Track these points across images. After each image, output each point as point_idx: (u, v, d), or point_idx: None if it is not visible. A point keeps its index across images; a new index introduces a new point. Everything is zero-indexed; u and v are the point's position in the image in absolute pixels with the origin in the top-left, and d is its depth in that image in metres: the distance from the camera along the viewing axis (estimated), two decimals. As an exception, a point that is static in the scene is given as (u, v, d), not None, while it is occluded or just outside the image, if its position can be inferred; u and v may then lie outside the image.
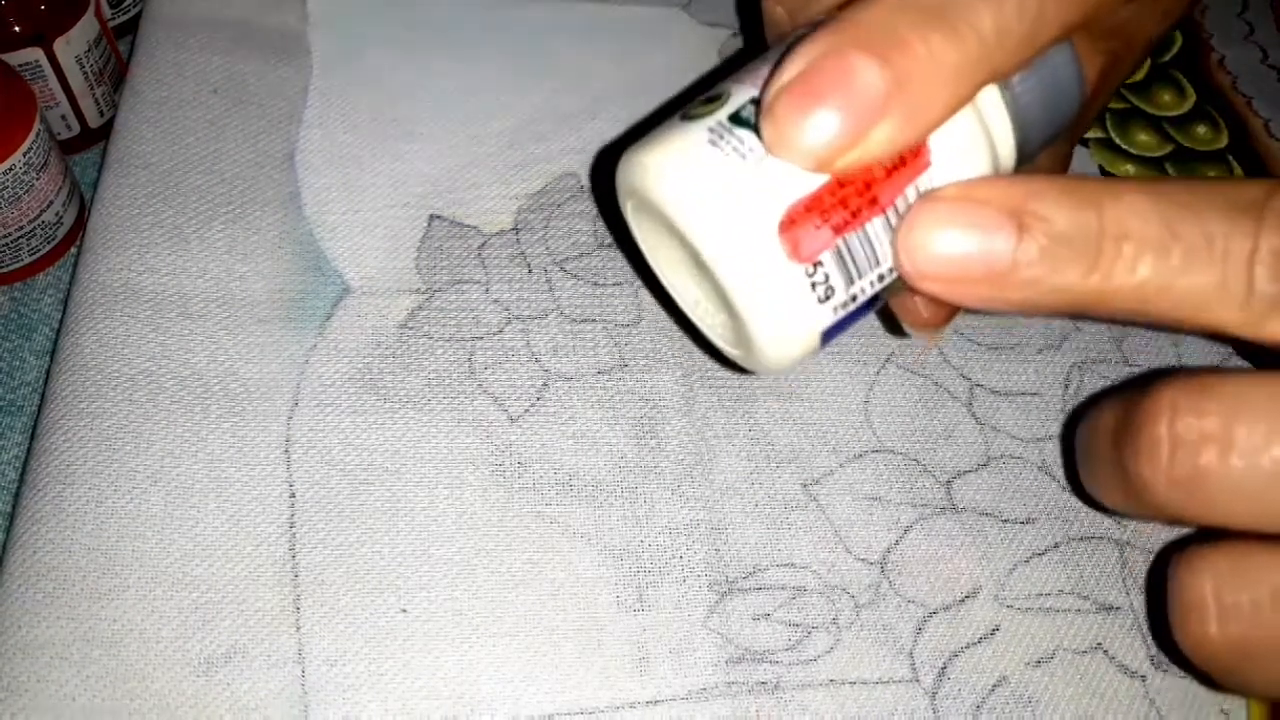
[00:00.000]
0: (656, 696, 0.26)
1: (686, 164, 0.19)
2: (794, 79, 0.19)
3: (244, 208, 0.32)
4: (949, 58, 0.18)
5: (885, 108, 0.18)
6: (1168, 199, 0.18)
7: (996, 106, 0.20)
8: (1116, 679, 0.27)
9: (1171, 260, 0.18)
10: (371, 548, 0.27)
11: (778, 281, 0.19)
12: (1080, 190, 0.19)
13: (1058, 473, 0.30)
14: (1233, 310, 0.18)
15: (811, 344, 0.20)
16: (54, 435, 0.27)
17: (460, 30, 0.36)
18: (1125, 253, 0.18)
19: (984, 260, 0.19)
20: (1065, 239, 0.19)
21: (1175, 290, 0.18)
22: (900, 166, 0.19)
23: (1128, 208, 0.18)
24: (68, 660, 0.24)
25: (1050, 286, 0.19)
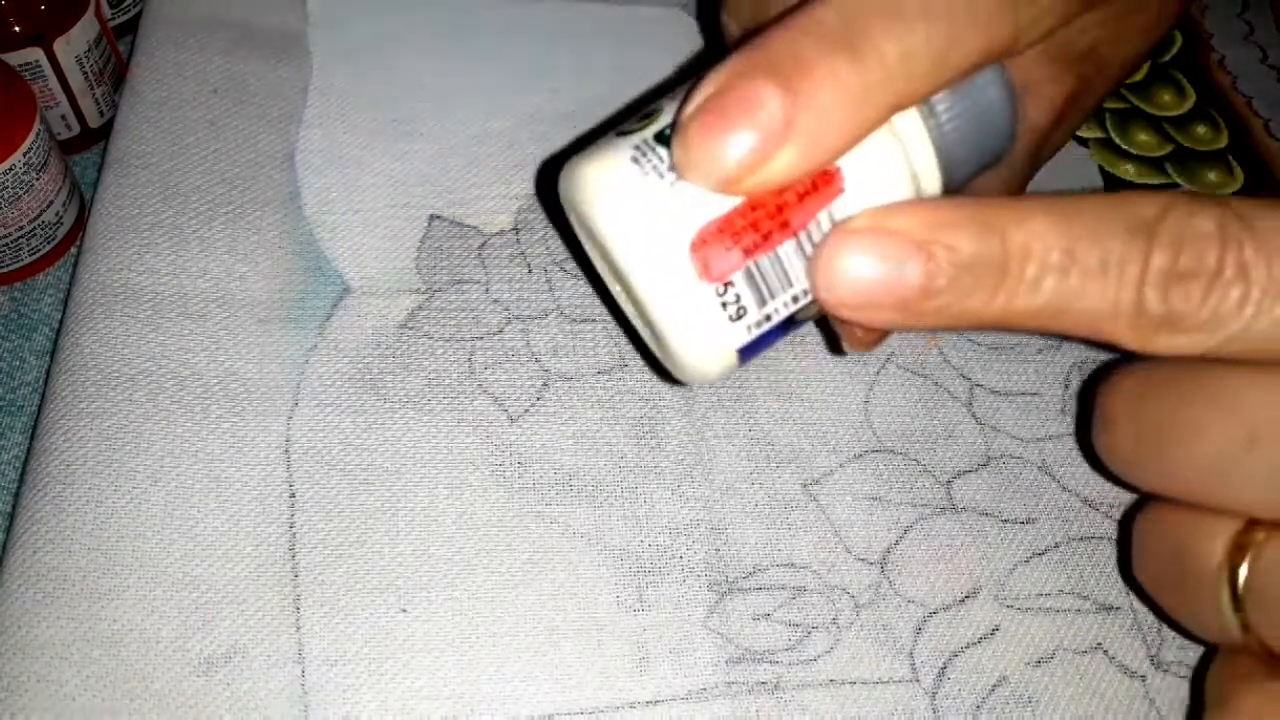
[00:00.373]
0: (656, 696, 0.26)
1: (609, 181, 0.20)
2: (700, 103, 0.19)
3: (244, 208, 0.32)
4: (852, 83, 0.19)
5: (787, 132, 0.19)
6: (1070, 221, 0.19)
7: (917, 131, 0.20)
8: (1116, 679, 0.27)
9: (1070, 282, 0.19)
10: (371, 548, 0.27)
11: (689, 299, 0.20)
12: (986, 217, 0.19)
13: (1058, 473, 0.30)
14: (1125, 328, 0.19)
15: (727, 360, 0.21)
16: (54, 435, 0.27)
17: (460, 30, 0.36)
18: (1027, 276, 0.19)
19: (893, 288, 0.19)
20: (970, 266, 0.19)
21: (1074, 311, 0.19)
22: (812, 191, 0.20)
23: (1031, 232, 0.19)
24: (67, 660, 0.24)
25: (958, 311, 0.20)
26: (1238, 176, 0.37)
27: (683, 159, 0.19)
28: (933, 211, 0.19)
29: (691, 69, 0.35)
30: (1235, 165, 0.37)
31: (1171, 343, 0.19)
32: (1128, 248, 0.19)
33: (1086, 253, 0.19)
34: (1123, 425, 0.22)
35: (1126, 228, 0.19)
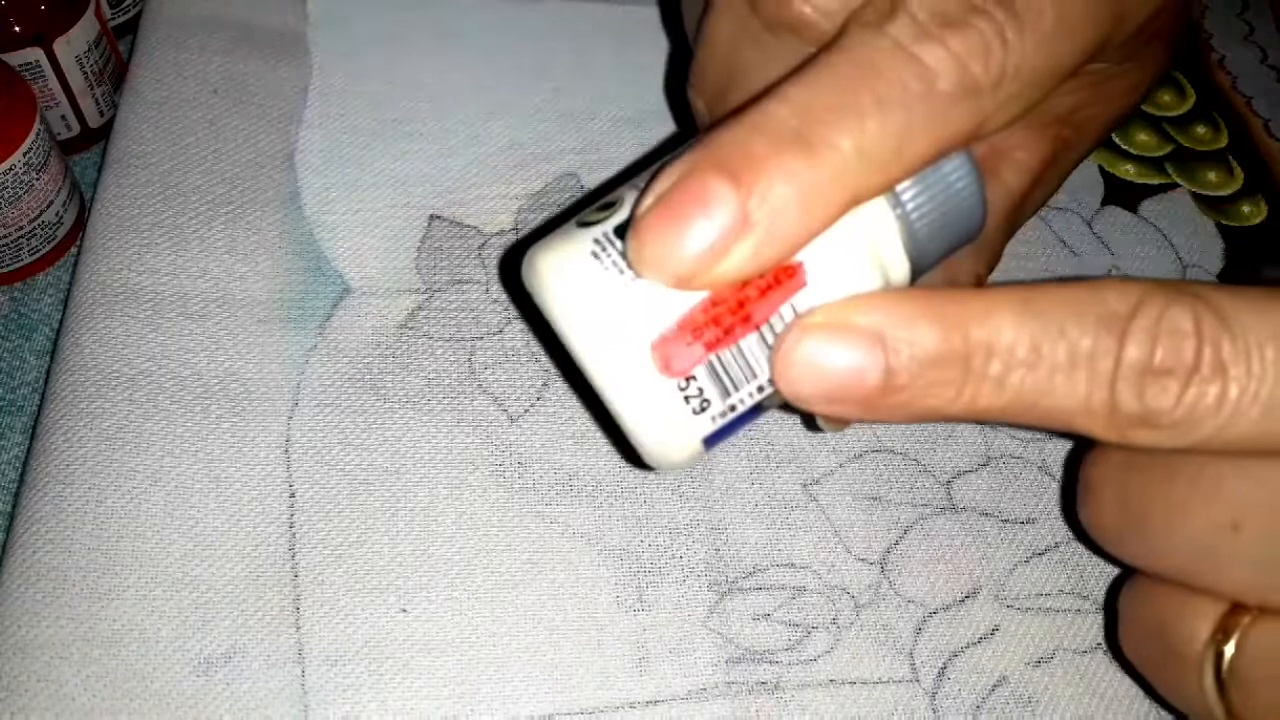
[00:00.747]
0: (656, 696, 0.26)
1: (568, 275, 0.20)
2: (654, 201, 0.19)
3: (244, 208, 0.32)
4: (804, 177, 0.18)
5: (741, 229, 0.18)
6: (1035, 315, 0.19)
7: (884, 221, 0.20)
8: (1117, 679, 0.27)
9: (1037, 378, 0.19)
10: (371, 548, 0.27)
11: (651, 394, 0.20)
12: (948, 312, 0.19)
13: (1058, 473, 0.30)
14: (1098, 424, 0.19)
15: (693, 450, 0.21)
16: (54, 435, 0.27)
17: (460, 30, 0.36)
18: (991, 373, 0.19)
19: (853, 385, 0.19)
20: (930, 363, 0.19)
21: (1042, 406, 0.19)
22: (775, 285, 0.20)
23: (994, 327, 0.19)
24: (67, 660, 0.24)
25: (921, 408, 0.19)
26: (1238, 176, 0.37)
27: (637, 255, 0.19)
28: (893, 306, 0.19)
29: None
30: (1235, 165, 0.37)
31: (1148, 438, 0.19)
32: (1098, 342, 0.18)
33: (1053, 348, 0.19)
34: (1107, 498, 0.21)
35: (1097, 321, 0.19)
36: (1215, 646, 0.20)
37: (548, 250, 0.21)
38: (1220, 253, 0.35)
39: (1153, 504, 0.20)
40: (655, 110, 0.35)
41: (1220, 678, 0.20)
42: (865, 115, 0.19)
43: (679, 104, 0.36)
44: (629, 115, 0.35)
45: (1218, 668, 0.20)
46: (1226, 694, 0.20)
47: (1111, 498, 0.21)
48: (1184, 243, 0.35)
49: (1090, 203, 0.35)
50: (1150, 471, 0.21)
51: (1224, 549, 0.20)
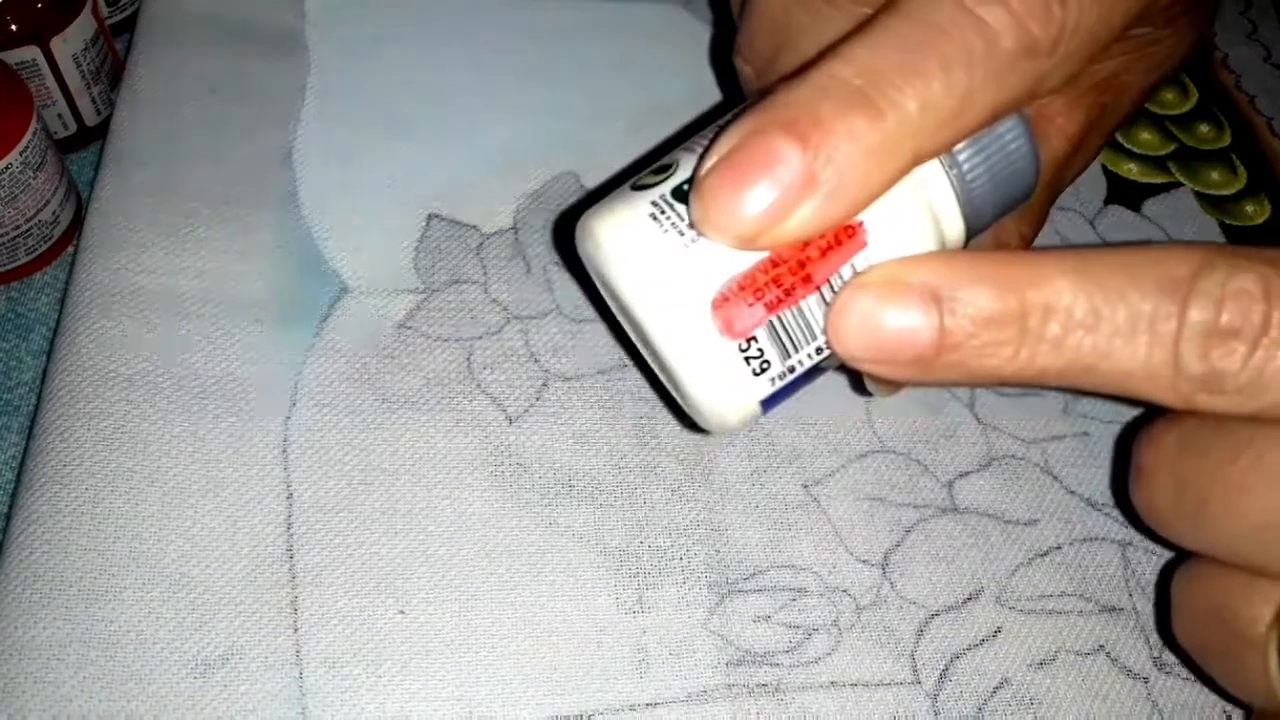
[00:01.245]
0: (656, 698, 0.26)
1: (628, 238, 0.20)
2: (719, 160, 0.19)
3: (241, 207, 0.31)
4: (870, 138, 0.19)
5: (806, 188, 0.19)
6: (1093, 279, 0.19)
7: (940, 182, 0.20)
8: (1119, 681, 0.27)
9: (1097, 340, 0.19)
10: (369, 549, 0.27)
11: (712, 356, 0.20)
12: (1006, 272, 0.19)
13: (1060, 473, 0.30)
14: (1162, 388, 0.19)
15: (751, 412, 0.21)
16: (51, 435, 0.27)
17: (459, 29, 0.36)
18: (1049, 334, 0.19)
19: (908, 344, 0.19)
20: (985, 323, 0.19)
21: (1101, 369, 0.19)
22: (835, 245, 0.20)
23: (1052, 290, 0.19)
24: (64, 661, 0.24)
25: (975, 368, 0.19)
26: (1240, 175, 0.37)
27: (701, 216, 0.19)
28: (949, 266, 0.19)
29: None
30: (1238, 164, 0.37)
31: (1211, 403, 0.19)
32: (1159, 305, 0.18)
33: (1113, 310, 0.19)
34: (1161, 481, 0.21)
35: (1157, 284, 0.18)
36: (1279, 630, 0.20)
37: (604, 215, 0.21)
38: (1223, 252, 0.35)
39: (1213, 486, 0.20)
40: (655, 109, 0.35)
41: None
42: (930, 75, 0.19)
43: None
44: (628, 115, 0.35)
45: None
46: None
47: (1168, 480, 0.21)
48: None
49: (1093, 202, 0.35)
50: (1211, 453, 0.20)
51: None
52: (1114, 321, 0.19)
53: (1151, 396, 0.19)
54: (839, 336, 0.20)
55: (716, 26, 0.37)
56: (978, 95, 0.19)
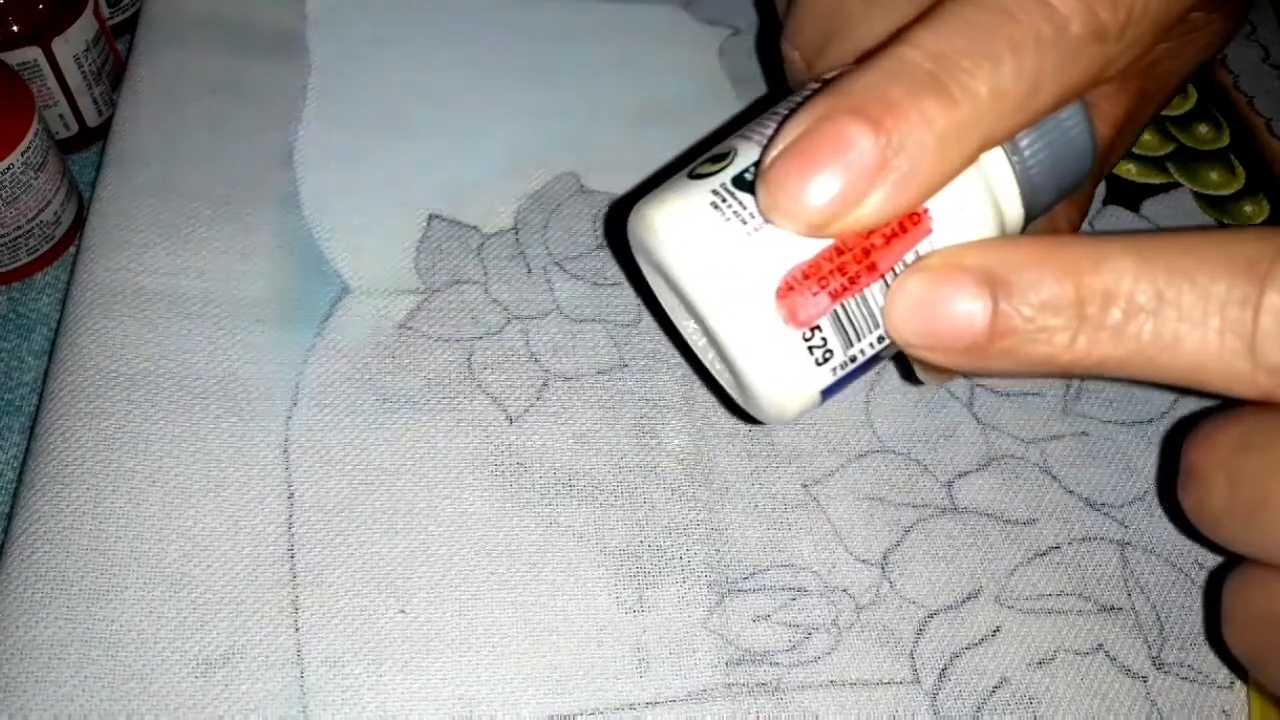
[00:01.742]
0: (656, 698, 0.26)
1: (689, 227, 0.20)
2: (788, 145, 0.19)
3: (242, 207, 0.31)
4: (943, 123, 0.18)
5: (878, 174, 0.18)
6: (1158, 262, 0.18)
7: (1002, 169, 0.20)
8: (1118, 680, 0.27)
9: (1161, 328, 0.18)
10: (370, 548, 0.27)
11: (775, 346, 0.20)
12: (1063, 257, 0.18)
13: (1059, 473, 0.30)
14: (1237, 380, 0.18)
15: (811, 402, 0.21)
16: (52, 435, 0.27)
17: (459, 29, 0.36)
18: (1110, 321, 0.18)
19: (964, 330, 0.19)
20: (1042, 308, 0.18)
21: (1165, 359, 0.18)
22: (900, 233, 0.20)
23: (1115, 272, 0.18)
24: (65, 661, 0.24)
25: (1033, 355, 0.19)
26: (1239, 176, 0.37)
27: (769, 203, 0.19)
28: (1007, 249, 0.19)
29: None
30: (1237, 164, 0.37)
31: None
32: (1232, 289, 0.17)
33: (1182, 295, 0.17)
34: (1215, 482, 0.20)
35: (1230, 267, 0.17)
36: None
37: (661, 203, 0.20)
38: (1222, 252, 0.35)
39: (1271, 487, 0.19)
40: (655, 109, 0.35)
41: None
42: (1000, 60, 0.18)
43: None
44: (628, 115, 0.35)
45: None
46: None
47: (1222, 482, 0.20)
48: (1185, 242, 0.35)
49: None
50: (1272, 451, 0.19)
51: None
52: (1181, 306, 0.18)
53: (1223, 389, 0.18)
54: (893, 322, 0.19)
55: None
56: (1047, 80, 0.19)
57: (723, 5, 0.38)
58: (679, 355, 0.30)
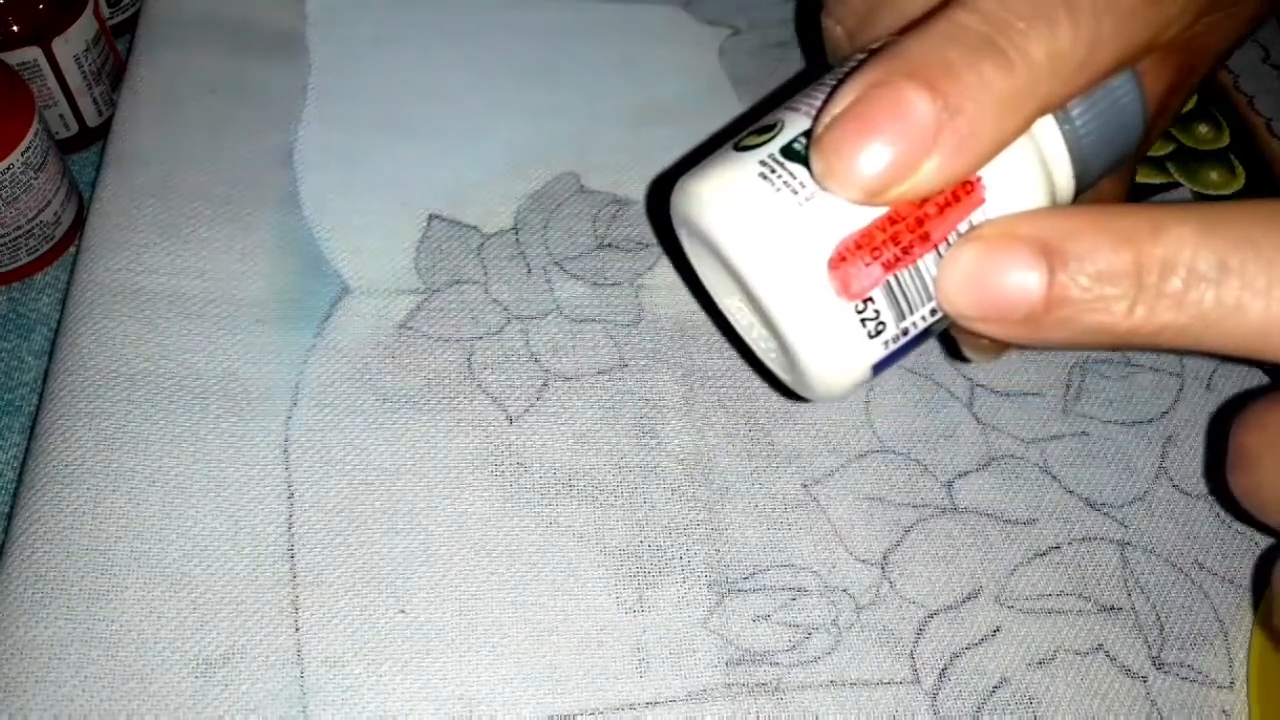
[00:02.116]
0: (656, 698, 0.26)
1: (737, 198, 0.19)
2: (843, 111, 0.18)
3: (242, 207, 0.31)
4: (1000, 87, 0.18)
5: (936, 139, 0.18)
6: (1220, 230, 0.17)
7: (1054, 138, 0.20)
8: (1118, 680, 0.27)
9: (1223, 295, 0.17)
10: (370, 548, 0.27)
11: (828, 318, 0.19)
12: (1120, 226, 0.18)
13: (1059, 473, 0.30)
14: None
15: (862, 376, 0.21)
16: (52, 435, 0.27)
17: (459, 29, 0.36)
18: (1170, 289, 0.18)
19: (1019, 300, 0.18)
20: (1100, 276, 0.18)
21: (1226, 327, 0.18)
22: (954, 202, 0.19)
23: (1175, 240, 0.18)
24: (66, 660, 0.24)
25: (1090, 325, 0.18)
26: (1239, 176, 0.37)
27: (824, 168, 0.19)
28: (1063, 218, 0.18)
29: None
30: (1237, 164, 0.37)
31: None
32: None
33: (1246, 264, 0.17)
34: (1268, 465, 0.20)
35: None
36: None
37: (707, 176, 0.20)
38: (1222, 252, 0.35)
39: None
40: (655, 109, 0.35)
41: None
42: (1058, 23, 0.18)
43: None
44: (628, 115, 0.35)
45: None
46: None
47: (1273, 464, 0.19)
48: (1186, 242, 0.35)
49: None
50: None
51: None
52: (1245, 275, 0.17)
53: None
54: (947, 293, 0.19)
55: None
56: (1104, 44, 0.19)
57: (723, 5, 0.38)
58: (679, 355, 0.30)
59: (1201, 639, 0.28)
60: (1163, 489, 0.30)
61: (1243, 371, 0.32)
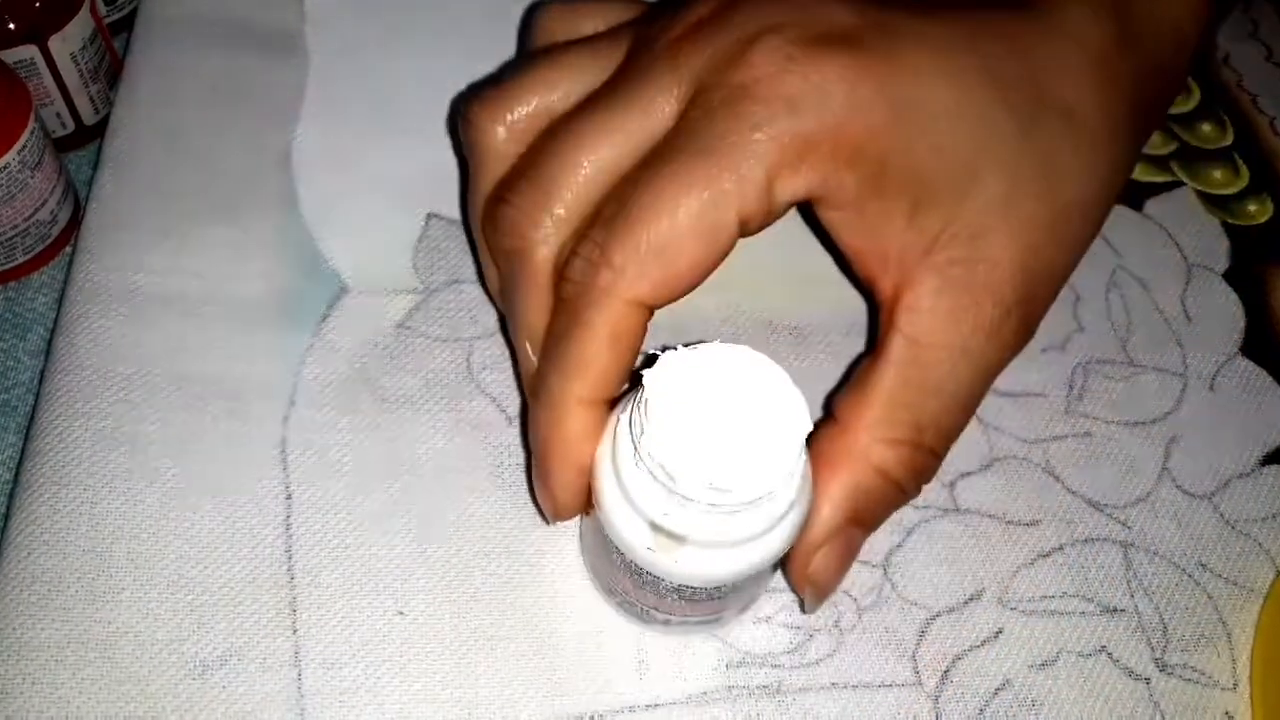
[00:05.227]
0: (656, 700, 0.25)
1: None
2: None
3: (240, 207, 0.31)
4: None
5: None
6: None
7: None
8: (1120, 682, 0.27)
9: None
10: (369, 549, 0.27)
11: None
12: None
13: (1062, 474, 0.30)
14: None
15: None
16: (48, 436, 0.27)
17: (458, 29, 0.36)
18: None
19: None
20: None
21: None
22: None
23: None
24: (62, 663, 0.24)
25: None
26: (1243, 174, 0.37)
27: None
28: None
29: None
30: (1240, 163, 0.37)
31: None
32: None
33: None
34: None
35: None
36: None
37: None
38: (1226, 251, 0.35)
39: None
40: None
41: None
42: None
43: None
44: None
45: None
46: None
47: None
48: (1189, 241, 0.35)
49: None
50: None
51: None
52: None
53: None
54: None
55: None
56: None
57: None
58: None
59: (1205, 640, 0.27)
60: (1166, 490, 0.30)
61: (1244, 372, 0.32)
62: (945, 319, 0.23)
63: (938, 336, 0.23)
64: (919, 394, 0.23)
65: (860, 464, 0.24)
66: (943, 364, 0.23)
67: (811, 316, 0.31)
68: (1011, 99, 0.23)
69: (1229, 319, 0.33)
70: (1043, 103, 0.24)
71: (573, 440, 0.23)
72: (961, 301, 0.23)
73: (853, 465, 0.23)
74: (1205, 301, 0.33)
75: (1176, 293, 0.33)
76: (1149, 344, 0.32)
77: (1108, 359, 0.32)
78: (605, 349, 0.22)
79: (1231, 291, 0.34)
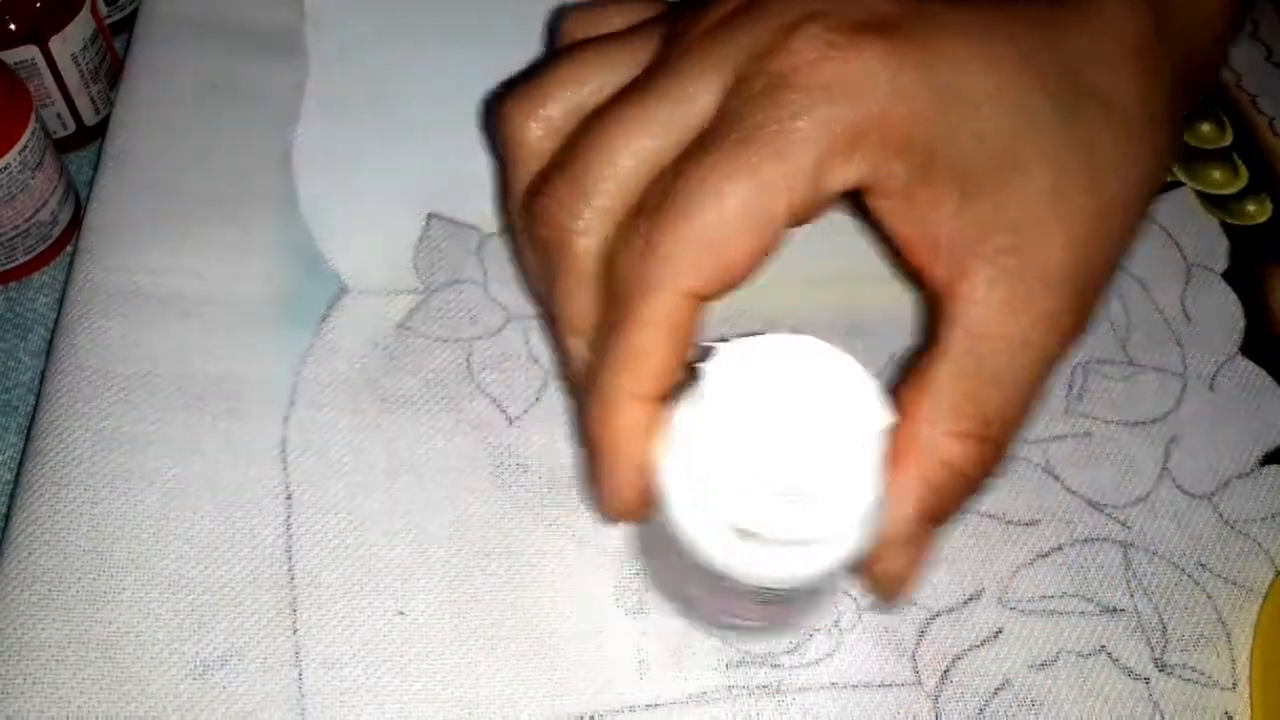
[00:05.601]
0: (656, 700, 0.25)
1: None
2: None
3: (240, 207, 0.31)
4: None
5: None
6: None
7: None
8: (1120, 681, 0.27)
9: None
10: (369, 550, 0.27)
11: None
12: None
13: (1061, 474, 0.30)
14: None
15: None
16: (49, 436, 0.27)
17: (458, 28, 0.36)
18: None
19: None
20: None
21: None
22: None
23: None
24: (63, 663, 0.24)
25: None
26: (1242, 175, 0.37)
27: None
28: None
29: None
30: (1240, 164, 0.37)
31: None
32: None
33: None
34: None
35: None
36: None
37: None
38: (1225, 252, 0.35)
39: None
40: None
41: None
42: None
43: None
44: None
45: None
46: None
47: None
48: (1189, 241, 0.35)
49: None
50: None
51: None
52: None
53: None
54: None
55: None
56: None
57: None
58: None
59: (1204, 640, 0.27)
60: (1166, 490, 0.30)
61: (1244, 372, 0.32)
62: (1001, 309, 0.23)
63: (995, 327, 0.23)
64: (982, 385, 0.23)
65: (927, 458, 0.23)
66: (1002, 355, 0.23)
67: (814, 317, 0.31)
68: (1050, 87, 0.23)
69: (1228, 319, 0.33)
70: (1081, 91, 0.23)
71: (628, 437, 0.22)
72: (1017, 292, 0.23)
73: (920, 460, 0.23)
74: (1205, 301, 0.33)
75: (1176, 293, 0.33)
76: (1149, 344, 0.32)
77: (1107, 359, 0.32)
78: (657, 342, 0.22)
79: (1231, 291, 0.34)
